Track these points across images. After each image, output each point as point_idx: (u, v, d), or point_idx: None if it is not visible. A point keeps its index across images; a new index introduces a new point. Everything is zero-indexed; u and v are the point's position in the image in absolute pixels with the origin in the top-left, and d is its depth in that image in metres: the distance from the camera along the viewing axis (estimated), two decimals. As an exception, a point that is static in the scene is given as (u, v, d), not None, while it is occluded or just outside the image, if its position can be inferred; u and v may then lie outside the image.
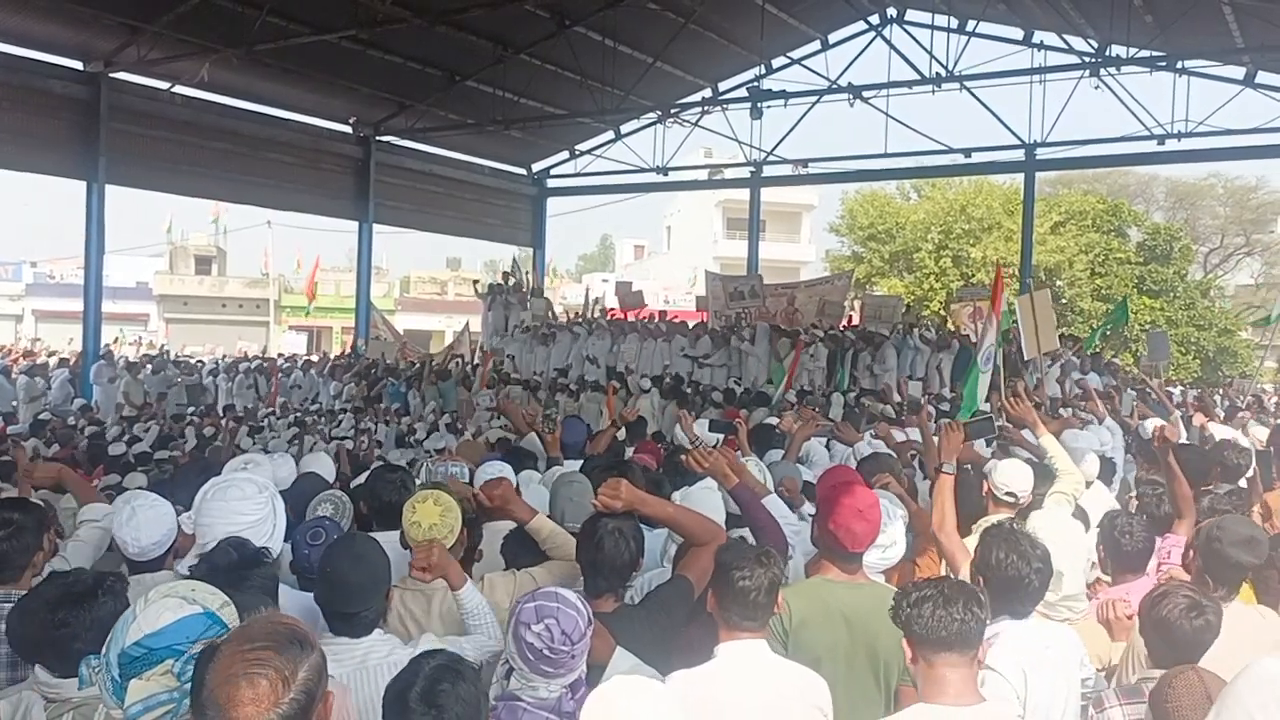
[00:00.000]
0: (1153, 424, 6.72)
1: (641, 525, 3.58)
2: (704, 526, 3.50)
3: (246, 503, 3.10)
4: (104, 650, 1.98)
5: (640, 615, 3.22)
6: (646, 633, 3.14)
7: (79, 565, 3.62)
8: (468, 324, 23.33)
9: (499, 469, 4.47)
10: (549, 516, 3.95)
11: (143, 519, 3.33)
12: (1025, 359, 13.17)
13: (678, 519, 3.52)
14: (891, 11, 20.05)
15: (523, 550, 3.73)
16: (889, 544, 3.67)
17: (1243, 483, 5.62)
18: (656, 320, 19.14)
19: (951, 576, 2.63)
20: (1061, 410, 10.09)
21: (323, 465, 5.64)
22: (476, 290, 22.21)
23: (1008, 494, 4.42)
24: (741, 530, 4.12)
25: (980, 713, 2.53)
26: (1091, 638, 3.70)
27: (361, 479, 5.41)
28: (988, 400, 9.99)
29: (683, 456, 3.98)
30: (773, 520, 3.76)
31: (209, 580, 2.52)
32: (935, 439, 5.02)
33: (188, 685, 1.92)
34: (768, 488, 4.16)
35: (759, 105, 18.54)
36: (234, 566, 2.60)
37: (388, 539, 3.58)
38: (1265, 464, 6.17)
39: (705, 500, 3.98)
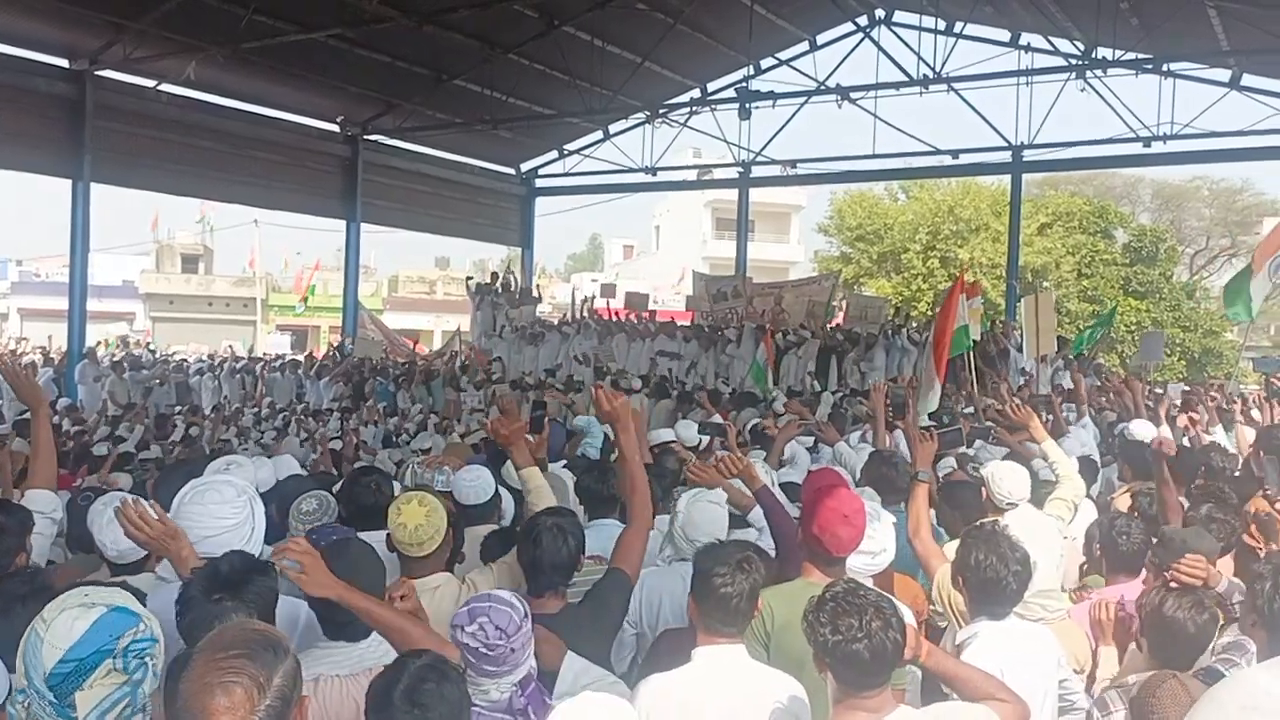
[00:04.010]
0: (1142, 428, 6.77)
1: (617, 524, 3.60)
2: (643, 497, 3.59)
3: (225, 506, 3.08)
4: (25, 682, 1.91)
5: (584, 614, 3.26)
6: (591, 630, 3.17)
7: (40, 559, 3.60)
8: (459, 327, 23.29)
9: (478, 472, 4.48)
10: (521, 518, 3.99)
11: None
12: (1026, 359, 13.27)
13: (635, 472, 3.61)
14: (879, 13, 20.07)
15: (501, 552, 3.74)
16: (878, 550, 3.64)
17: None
18: (644, 320, 19.14)
19: (879, 599, 2.53)
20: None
21: (291, 466, 5.64)
22: (469, 287, 22.23)
23: (1009, 504, 4.42)
24: (739, 532, 4.15)
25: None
26: (1068, 639, 3.72)
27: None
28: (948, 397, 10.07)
29: (713, 461, 4.05)
30: (793, 524, 3.79)
31: (210, 586, 2.53)
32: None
33: (136, 676, 1.91)
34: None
35: (747, 106, 18.54)
36: (236, 574, 2.59)
37: (370, 540, 3.59)
38: (1248, 469, 6.19)
39: (709, 513, 3.97)
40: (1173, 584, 3.22)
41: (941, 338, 9.65)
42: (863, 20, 20.34)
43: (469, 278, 23.63)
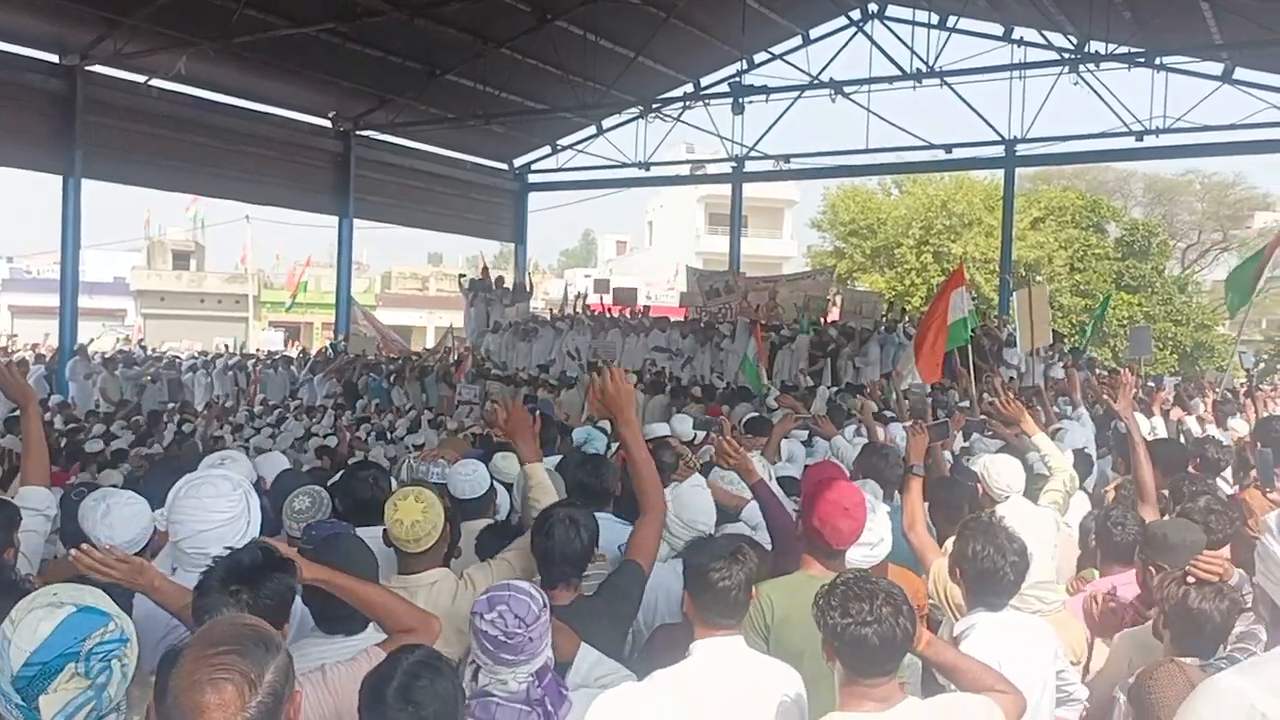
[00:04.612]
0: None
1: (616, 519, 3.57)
2: (654, 485, 3.55)
3: (220, 500, 3.05)
4: None
5: (598, 606, 3.24)
6: (605, 623, 3.16)
7: (32, 552, 3.58)
8: (451, 325, 23.25)
9: (474, 466, 4.46)
10: (521, 516, 3.96)
11: (117, 516, 3.29)
12: (1020, 352, 13.34)
13: (642, 464, 3.55)
14: (873, 7, 20.07)
15: (498, 546, 3.73)
16: (875, 541, 3.64)
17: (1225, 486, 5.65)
18: (639, 315, 19.13)
19: (890, 587, 2.54)
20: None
21: (280, 464, 5.62)
22: (461, 285, 22.19)
23: (1006, 496, 4.41)
24: (731, 526, 4.14)
25: (900, 712, 2.48)
26: (1065, 631, 3.72)
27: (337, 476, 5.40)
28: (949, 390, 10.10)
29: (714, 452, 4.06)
30: (790, 518, 3.79)
31: (228, 577, 2.51)
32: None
33: (100, 680, 1.88)
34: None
35: (740, 100, 18.56)
36: (257, 567, 2.57)
37: (365, 536, 3.57)
38: (1242, 460, 6.20)
39: (695, 498, 4.00)
40: (1189, 579, 3.22)
41: (929, 324, 9.66)
42: (856, 14, 20.34)
43: (462, 275, 23.55)
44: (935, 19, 18.34)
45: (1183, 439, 7.46)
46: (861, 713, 2.45)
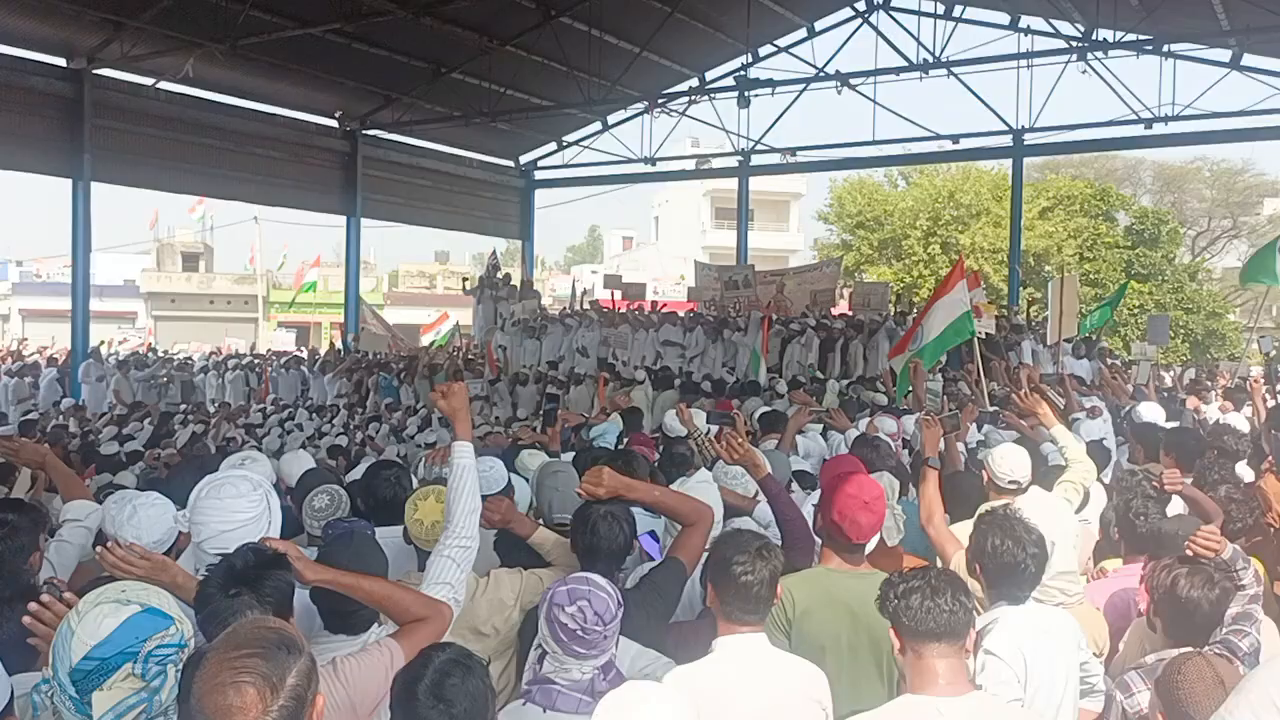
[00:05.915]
0: (1151, 411, 6.76)
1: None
2: (691, 507, 3.56)
3: (241, 500, 3.05)
4: (51, 672, 1.92)
5: (636, 599, 3.24)
6: (643, 617, 3.16)
7: (63, 567, 3.61)
8: (457, 322, 23.27)
9: (491, 463, 4.46)
10: (535, 508, 3.96)
11: (144, 517, 3.29)
12: (1047, 342, 13.39)
13: (664, 501, 3.57)
14: (878, -2, 20.04)
15: (515, 548, 3.73)
16: None
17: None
18: (648, 311, 19.10)
19: (938, 565, 2.62)
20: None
21: (304, 461, 5.63)
22: (465, 288, 22.18)
23: (1011, 482, 4.38)
24: (738, 521, 4.14)
25: (971, 701, 2.49)
26: (1088, 623, 3.71)
27: (356, 474, 5.40)
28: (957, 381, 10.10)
29: (719, 444, 4.05)
30: (799, 512, 3.78)
31: (226, 581, 2.49)
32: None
33: (154, 683, 1.89)
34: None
35: (746, 94, 18.51)
36: (251, 568, 2.57)
37: (388, 534, 3.59)
38: (1257, 448, 6.18)
39: (703, 494, 4.00)
40: (1188, 551, 3.22)
41: (922, 314, 9.66)
42: (861, 5, 20.27)
43: (465, 279, 23.56)
44: (941, 8, 18.27)
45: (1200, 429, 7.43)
46: (932, 695, 2.47)
